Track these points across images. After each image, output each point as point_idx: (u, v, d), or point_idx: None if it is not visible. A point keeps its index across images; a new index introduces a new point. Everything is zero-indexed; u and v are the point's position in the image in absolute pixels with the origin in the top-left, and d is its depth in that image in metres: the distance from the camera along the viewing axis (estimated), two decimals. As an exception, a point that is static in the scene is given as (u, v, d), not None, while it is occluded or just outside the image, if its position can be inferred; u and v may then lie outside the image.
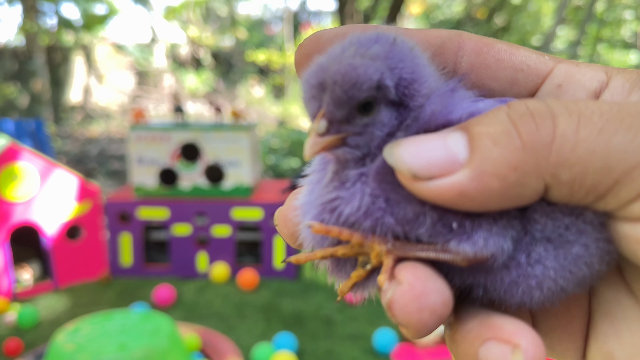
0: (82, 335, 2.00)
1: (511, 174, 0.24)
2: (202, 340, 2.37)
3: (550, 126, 0.24)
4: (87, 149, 7.69)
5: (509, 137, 0.24)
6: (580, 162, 0.23)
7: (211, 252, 3.28)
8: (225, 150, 3.21)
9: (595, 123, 0.24)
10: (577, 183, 0.24)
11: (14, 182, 2.89)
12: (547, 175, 0.24)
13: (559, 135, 0.24)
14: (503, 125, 0.25)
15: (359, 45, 0.29)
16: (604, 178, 0.24)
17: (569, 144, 0.23)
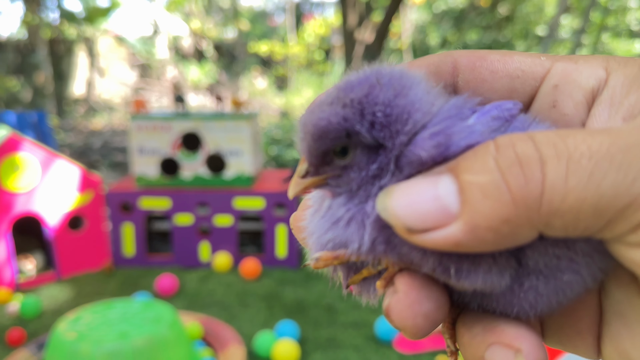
0: (83, 323, 2.01)
1: (503, 226, 0.24)
2: (204, 328, 2.37)
3: (539, 177, 0.24)
4: (90, 142, 7.70)
5: (498, 191, 0.24)
6: (571, 211, 0.23)
7: (213, 242, 3.28)
8: (227, 140, 3.20)
9: (585, 167, 0.23)
10: (570, 227, 0.24)
11: (16, 173, 2.89)
12: (539, 224, 0.24)
13: (549, 187, 0.23)
14: (492, 175, 0.24)
15: (339, 90, 0.30)
16: (597, 220, 0.24)
17: (559, 195, 0.23)
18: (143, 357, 1.88)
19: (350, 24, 6.51)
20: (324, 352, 2.34)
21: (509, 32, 12.21)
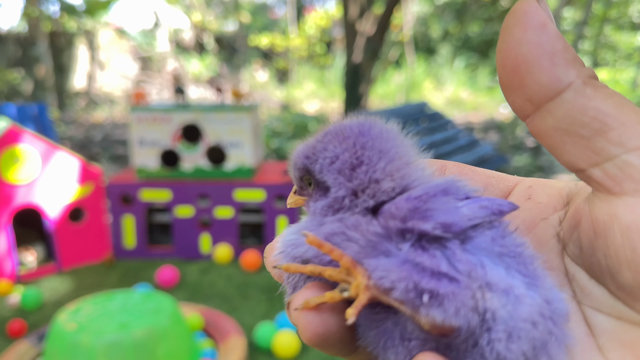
0: (83, 314, 2.01)
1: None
2: (204, 319, 2.37)
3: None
4: (91, 134, 7.69)
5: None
6: None
7: (214, 234, 3.28)
8: (227, 131, 3.19)
9: None
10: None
11: (16, 165, 2.88)
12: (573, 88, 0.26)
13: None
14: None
15: (322, 134, 0.34)
16: None
17: None
18: (143, 348, 1.88)
19: (352, 16, 6.48)
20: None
21: (510, 25, 12.16)
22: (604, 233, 0.25)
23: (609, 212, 0.25)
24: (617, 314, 0.26)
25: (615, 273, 0.25)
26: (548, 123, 0.26)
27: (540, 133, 0.27)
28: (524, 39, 0.25)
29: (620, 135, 0.24)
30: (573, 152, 0.26)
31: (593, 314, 0.27)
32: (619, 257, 0.25)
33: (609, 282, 0.26)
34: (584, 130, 0.25)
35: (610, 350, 0.26)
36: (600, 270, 0.26)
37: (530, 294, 0.26)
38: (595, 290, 0.27)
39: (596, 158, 0.25)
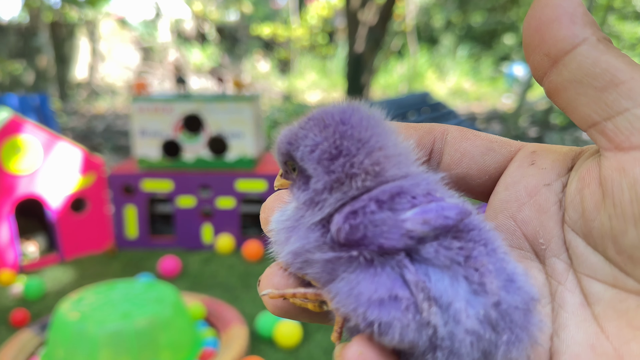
0: (86, 304, 2.02)
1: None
2: (206, 309, 2.38)
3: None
4: (93, 125, 7.69)
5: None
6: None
7: (216, 224, 3.28)
8: (228, 122, 3.19)
9: None
10: None
11: (18, 155, 2.88)
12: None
13: None
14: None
15: (305, 120, 0.33)
16: None
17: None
18: (146, 337, 1.89)
19: (354, 6, 6.45)
20: (325, 332, 2.34)
21: (514, 14, 12.10)
22: (611, 191, 0.26)
23: (618, 167, 0.25)
24: (614, 281, 0.27)
25: (618, 234, 0.26)
26: (564, 76, 0.27)
27: (556, 89, 0.28)
28: (549, 3, 0.27)
29: (631, 89, 0.25)
30: (587, 104, 0.26)
31: (589, 282, 0.28)
32: (626, 214, 0.25)
33: (609, 246, 0.26)
34: (596, 81, 0.26)
35: (605, 319, 0.26)
36: (602, 235, 0.27)
37: (473, 305, 0.27)
38: (592, 257, 0.28)
39: (608, 110, 0.26)
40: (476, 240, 0.28)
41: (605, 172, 0.26)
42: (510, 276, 0.27)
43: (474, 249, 0.28)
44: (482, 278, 0.27)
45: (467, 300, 0.26)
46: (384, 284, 0.28)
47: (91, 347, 1.85)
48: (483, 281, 0.27)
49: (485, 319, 0.26)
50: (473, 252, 0.28)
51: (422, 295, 0.27)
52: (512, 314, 0.26)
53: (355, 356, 0.27)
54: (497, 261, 0.28)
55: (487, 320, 0.26)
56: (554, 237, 0.30)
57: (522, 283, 0.27)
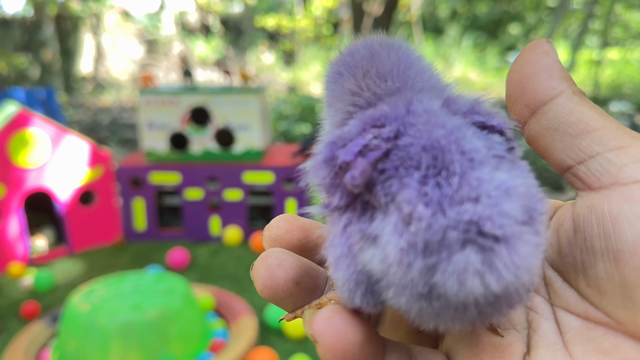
0: (96, 296, 2.03)
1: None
2: (216, 300, 2.39)
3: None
4: (99, 118, 7.71)
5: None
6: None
7: (224, 216, 3.29)
8: (235, 114, 3.19)
9: None
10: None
11: (26, 149, 2.90)
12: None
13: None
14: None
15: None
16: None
17: None
18: (156, 328, 1.90)
19: (358, -4, 6.43)
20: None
21: (519, 4, 12.02)
22: (582, 226, 0.28)
23: (589, 205, 0.28)
24: (585, 314, 0.28)
25: (588, 267, 0.28)
26: (542, 124, 0.30)
27: (534, 135, 0.30)
28: (529, 59, 0.30)
29: (602, 136, 0.28)
30: (562, 150, 0.29)
31: (563, 314, 0.30)
32: (594, 248, 0.27)
33: (581, 280, 0.28)
34: (571, 129, 0.29)
35: (574, 345, 0.28)
36: (575, 269, 0.29)
37: (399, 234, 0.24)
38: (567, 292, 0.30)
39: (582, 155, 0.28)
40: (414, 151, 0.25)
41: (578, 209, 0.29)
42: (453, 192, 0.23)
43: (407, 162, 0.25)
44: (409, 205, 0.23)
45: (392, 231, 0.24)
46: (338, 239, 0.27)
47: (102, 338, 1.87)
48: (410, 209, 0.23)
49: (409, 246, 0.23)
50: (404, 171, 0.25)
51: (358, 245, 0.25)
52: (446, 234, 0.22)
53: (323, 321, 0.27)
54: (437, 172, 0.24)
55: (412, 247, 0.23)
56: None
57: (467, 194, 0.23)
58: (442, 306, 0.24)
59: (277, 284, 0.31)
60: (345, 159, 0.25)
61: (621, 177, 0.26)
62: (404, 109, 0.26)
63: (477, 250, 0.22)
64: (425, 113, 0.26)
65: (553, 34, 4.91)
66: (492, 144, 0.26)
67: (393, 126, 0.25)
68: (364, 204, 0.26)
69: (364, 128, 0.26)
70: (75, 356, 1.91)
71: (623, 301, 0.26)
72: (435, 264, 0.23)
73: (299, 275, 0.31)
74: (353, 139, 0.26)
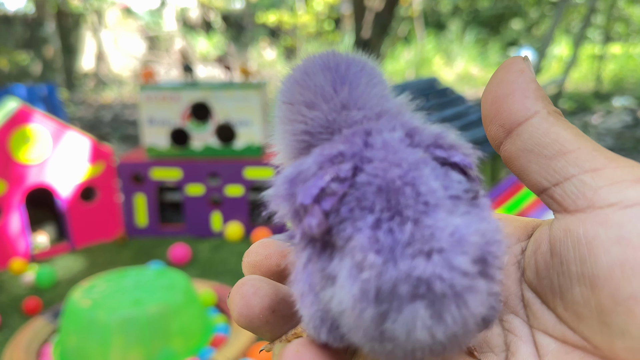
0: (97, 291, 2.03)
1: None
2: (217, 295, 2.39)
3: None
4: (100, 115, 7.71)
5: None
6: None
7: (225, 212, 3.29)
8: (236, 109, 3.18)
9: None
10: None
11: (27, 145, 2.90)
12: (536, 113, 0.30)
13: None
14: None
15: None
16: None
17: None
18: (157, 323, 1.90)
19: (360, -8, 6.40)
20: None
21: (521, -1, 11.99)
22: (559, 250, 0.28)
23: (564, 227, 0.27)
24: (563, 337, 0.28)
25: (565, 291, 0.27)
26: (517, 145, 0.29)
27: (510, 156, 0.30)
28: (504, 79, 0.30)
29: (577, 158, 0.27)
30: (538, 172, 0.29)
31: (542, 337, 0.29)
32: (570, 272, 0.27)
33: (558, 303, 0.28)
34: (546, 150, 0.28)
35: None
36: (552, 292, 0.28)
37: (354, 280, 0.24)
38: (546, 315, 0.29)
39: (557, 177, 0.28)
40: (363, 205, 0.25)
41: (554, 232, 0.28)
42: (406, 242, 0.23)
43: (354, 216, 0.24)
44: (362, 252, 0.23)
45: (347, 276, 0.24)
46: (300, 275, 0.27)
47: (103, 333, 1.87)
48: (363, 257, 0.23)
49: (362, 294, 0.23)
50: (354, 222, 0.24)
51: (319, 284, 0.26)
52: (397, 286, 0.23)
53: (292, 355, 0.27)
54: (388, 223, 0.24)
55: (364, 295, 0.23)
56: (512, 295, 0.31)
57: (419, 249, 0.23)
58: (393, 348, 0.24)
59: (253, 312, 0.31)
60: (303, 202, 0.25)
61: (596, 200, 0.26)
62: (361, 142, 0.26)
63: (426, 305, 0.23)
64: (383, 147, 0.25)
65: (555, 29, 4.90)
66: (450, 182, 0.25)
67: (350, 164, 0.25)
68: (324, 242, 0.26)
69: (321, 166, 0.25)
70: (76, 352, 1.92)
71: (599, 326, 0.26)
72: (386, 312, 0.23)
73: (274, 303, 0.31)
74: (311, 178, 0.25)
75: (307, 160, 0.26)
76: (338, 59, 0.30)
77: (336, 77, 0.29)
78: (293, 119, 0.30)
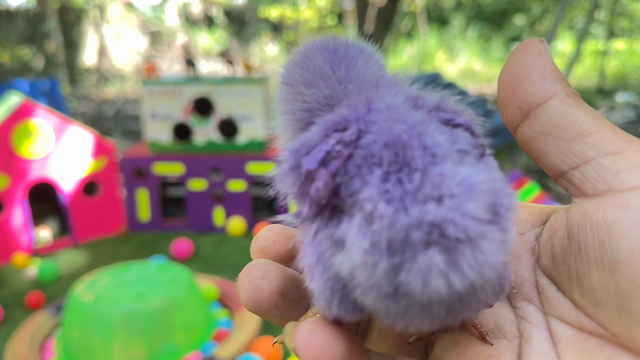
0: (100, 285, 2.03)
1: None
2: (220, 290, 2.39)
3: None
4: (103, 110, 7.71)
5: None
6: None
7: (227, 207, 3.29)
8: (238, 104, 3.18)
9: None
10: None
11: (30, 139, 2.89)
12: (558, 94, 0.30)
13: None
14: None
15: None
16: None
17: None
18: (160, 317, 1.90)
19: (362, -14, 6.39)
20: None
21: (524, -6, 11.94)
22: (576, 234, 0.27)
23: (583, 212, 0.27)
24: (578, 324, 0.28)
25: (582, 277, 0.27)
26: (534, 128, 0.29)
27: (527, 139, 0.29)
28: (521, 60, 0.29)
29: (597, 141, 0.27)
30: (556, 154, 0.28)
31: (557, 323, 0.29)
32: (589, 257, 0.26)
33: (575, 290, 0.27)
34: (565, 133, 0.28)
35: (567, 356, 0.27)
36: (569, 278, 0.28)
37: (363, 235, 0.23)
38: (561, 301, 0.29)
39: (576, 160, 0.27)
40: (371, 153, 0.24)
41: (572, 216, 0.28)
42: (416, 189, 0.23)
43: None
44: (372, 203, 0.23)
45: (357, 232, 0.23)
46: (309, 248, 0.27)
47: (106, 327, 1.87)
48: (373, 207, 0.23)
49: (373, 246, 0.23)
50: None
51: (328, 251, 0.25)
52: (409, 234, 0.22)
53: (305, 334, 0.26)
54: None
55: (376, 247, 0.23)
56: (525, 282, 0.31)
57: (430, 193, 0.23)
58: (408, 305, 0.23)
59: (262, 295, 0.30)
60: (309, 167, 0.25)
61: (616, 183, 0.26)
62: (364, 108, 0.26)
63: (440, 250, 0.22)
64: (387, 109, 0.25)
65: (558, 25, 4.88)
66: (456, 138, 0.25)
67: (354, 128, 0.25)
68: (332, 209, 0.25)
69: (325, 133, 0.26)
70: (79, 345, 1.92)
71: (618, 313, 0.25)
72: (399, 264, 0.22)
73: (283, 287, 0.31)
74: (316, 145, 0.25)
75: (312, 129, 0.27)
76: (337, 43, 0.31)
77: (334, 58, 0.30)
78: (292, 99, 0.31)
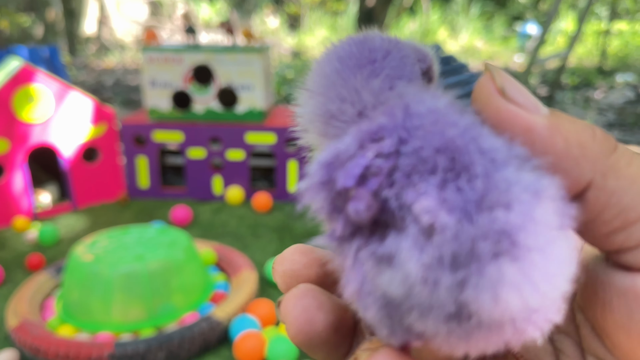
0: (100, 247, 2.07)
1: (575, 148, 0.23)
2: (217, 255, 2.43)
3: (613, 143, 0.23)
4: (102, 79, 7.68)
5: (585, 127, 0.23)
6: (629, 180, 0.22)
7: (226, 176, 3.31)
8: (238, 73, 3.18)
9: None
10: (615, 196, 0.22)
11: (30, 104, 2.91)
12: (598, 172, 0.23)
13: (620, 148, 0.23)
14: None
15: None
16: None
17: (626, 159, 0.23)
18: (159, 278, 1.94)
19: (365, -41, 6.33)
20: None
21: (529, -29, 11.82)
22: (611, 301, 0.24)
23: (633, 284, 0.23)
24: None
25: (610, 334, 0.25)
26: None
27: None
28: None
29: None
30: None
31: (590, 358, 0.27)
32: (615, 319, 0.24)
33: (606, 340, 0.26)
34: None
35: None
36: (599, 327, 0.26)
37: (420, 249, 0.21)
38: (596, 342, 0.27)
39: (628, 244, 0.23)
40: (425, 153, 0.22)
41: (616, 284, 0.25)
42: (480, 198, 0.20)
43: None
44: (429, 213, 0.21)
45: (412, 247, 0.21)
46: (352, 272, 0.23)
47: (105, 288, 1.91)
48: (432, 218, 0.21)
49: (434, 261, 0.20)
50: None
51: (372, 271, 0.22)
52: (476, 245, 0.20)
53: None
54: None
55: (439, 262, 0.20)
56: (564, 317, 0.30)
57: (496, 200, 0.20)
58: (473, 326, 0.21)
59: (316, 330, 0.26)
60: (345, 184, 0.22)
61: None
62: (402, 113, 0.23)
63: (511, 260, 0.20)
64: (430, 113, 0.22)
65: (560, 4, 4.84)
66: (511, 143, 0.22)
67: (394, 137, 0.22)
68: (372, 224, 0.23)
69: (361, 144, 0.22)
70: (78, 305, 1.96)
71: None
72: (464, 279, 0.20)
73: (337, 320, 0.26)
74: (351, 158, 0.22)
75: (345, 139, 0.23)
76: (372, 52, 0.28)
77: (368, 73, 0.27)
78: (324, 109, 0.28)
